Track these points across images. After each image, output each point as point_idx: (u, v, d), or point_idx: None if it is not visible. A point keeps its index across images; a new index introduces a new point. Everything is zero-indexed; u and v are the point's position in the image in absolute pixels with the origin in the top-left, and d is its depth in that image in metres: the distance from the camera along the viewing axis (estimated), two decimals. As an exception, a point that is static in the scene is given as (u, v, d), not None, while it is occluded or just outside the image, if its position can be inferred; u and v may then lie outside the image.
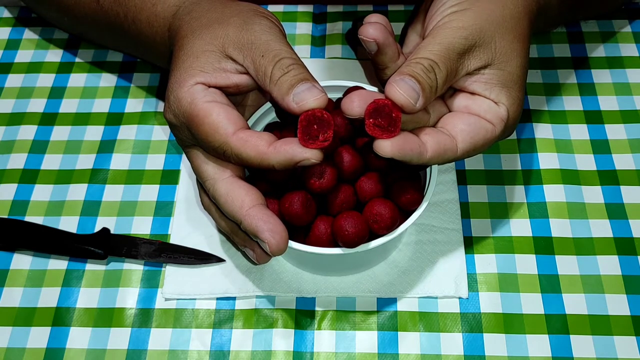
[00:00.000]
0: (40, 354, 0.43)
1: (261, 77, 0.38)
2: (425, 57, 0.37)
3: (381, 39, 0.39)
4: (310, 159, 0.36)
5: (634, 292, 0.44)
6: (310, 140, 0.35)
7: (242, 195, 0.38)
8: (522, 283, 0.45)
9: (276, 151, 0.36)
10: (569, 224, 0.47)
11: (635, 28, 0.57)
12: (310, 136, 0.35)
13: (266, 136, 0.37)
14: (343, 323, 0.44)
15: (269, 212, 0.37)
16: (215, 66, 0.39)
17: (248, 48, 0.38)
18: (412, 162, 0.36)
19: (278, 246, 0.36)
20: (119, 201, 0.50)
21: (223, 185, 0.39)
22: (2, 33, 0.60)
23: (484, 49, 0.38)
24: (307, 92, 0.36)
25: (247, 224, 0.37)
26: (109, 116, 0.54)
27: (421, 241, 0.46)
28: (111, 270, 0.46)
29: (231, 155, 0.37)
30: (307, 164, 0.36)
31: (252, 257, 0.42)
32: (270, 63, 0.37)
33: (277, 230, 0.37)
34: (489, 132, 0.39)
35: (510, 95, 0.39)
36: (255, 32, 0.39)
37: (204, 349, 0.43)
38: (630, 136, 0.51)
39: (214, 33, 0.40)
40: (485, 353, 0.42)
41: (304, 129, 0.36)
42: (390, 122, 0.35)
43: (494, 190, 0.49)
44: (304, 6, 0.60)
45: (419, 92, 0.36)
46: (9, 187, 0.51)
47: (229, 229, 0.42)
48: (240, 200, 0.38)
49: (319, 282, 0.45)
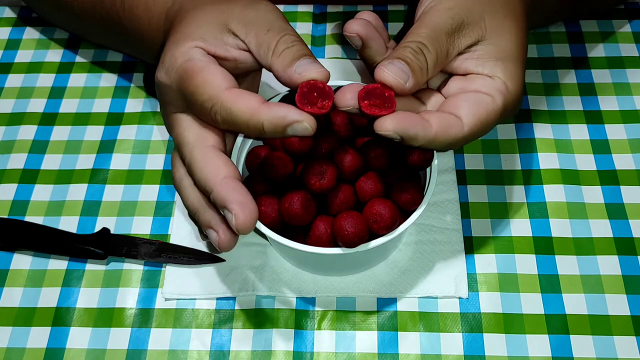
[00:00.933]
0: (40, 354, 0.43)
1: (264, 51, 0.37)
2: (413, 40, 0.37)
3: (363, 33, 0.39)
4: (303, 121, 0.34)
5: (634, 292, 0.44)
6: (308, 105, 0.35)
7: (219, 165, 0.37)
8: (522, 283, 0.45)
9: (269, 109, 0.35)
10: (569, 224, 0.47)
11: (635, 28, 0.57)
12: (308, 101, 0.35)
13: (259, 97, 0.36)
14: (343, 323, 0.44)
15: (243, 187, 0.36)
16: (217, 36, 0.38)
17: (253, 23, 0.38)
18: (418, 140, 0.35)
19: (245, 221, 0.35)
20: (119, 201, 0.50)
21: (201, 152, 0.38)
22: (2, 33, 0.60)
23: (473, 26, 0.38)
24: (310, 65, 0.36)
25: (217, 192, 0.36)
26: (109, 116, 0.54)
27: (421, 241, 0.46)
28: (111, 270, 0.46)
29: (219, 111, 0.36)
30: (300, 130, 0.34)
31: (215, 242, 0.38)
32: (275, 37, 0.37)
33: (247, 204, 0.35)
34: (490, 105, 0.37)
35: (505, 68, 0.38)
36: (260, 10, 0.39)
37: (204, 349, 0.43)
38: (630, 136, 0.51)
39: (219, 7, 0.39)
40: (485, 353, 0.42)
41: (304, 94, 0.35)
42: (385, 101, 0.35)
43: (494, 190, 0.49)
44: (304, 6, 0.60)
45: (409, 73, 0.36)
46: (9, 187, 0.51)
47: (196, 204, 0.39)
48: (216, 168, 0.37)
49: (319, 282, 0.45)
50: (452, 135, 0.36)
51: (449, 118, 0.36)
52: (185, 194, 0.40)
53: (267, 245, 0.47)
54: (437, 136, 0.35)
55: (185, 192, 0.40)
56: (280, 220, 0.40)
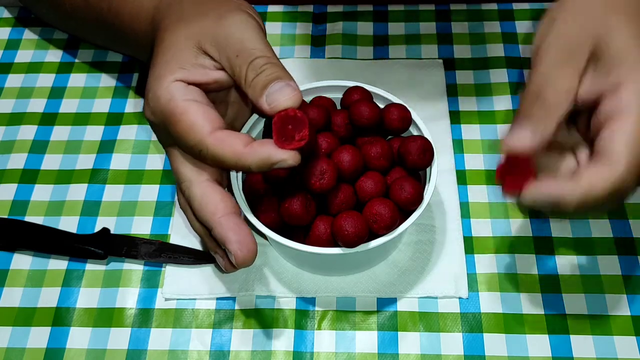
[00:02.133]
0: (40, 354, 0.43)
1: (237, 78, 0.37)
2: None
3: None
4: (287, 160, 0.35)
5: (634, 292, 0.44)
6: (287, 142, 0.35)
7: (216, 202, 0.38)
8: (522, 283, 0.45)
9: (253, 151, 0.35)
10: (569, 224, 0.47)
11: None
12: (285, 137, 0.35)
13: (243, 137, 0.36)
14: (343, 323, 0.44)
15: (241, 222, 0.37)
16: (193, 62, 0.38)
17: (223, 46, 0.38)
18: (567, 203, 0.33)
19: (244, 259, 0.36)
20: (119, 201, 0.50)
21: (198, 189, 0.38)
22: (2, 33, 0.60)
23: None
24: (279, 93, 0.35)
25: (217, 231, 0.37)
26: (109, 116, 0.54)
27: (421, 241, 0.46)
28: (111, 270, 0.46)
29: (207, 155, 0.36)
30: (285, 166, 0.35)
31: (221, 264, 0.41)
32: (245, 64, 0.37)
33: (246, 242, 0.36)
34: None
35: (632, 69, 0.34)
36: (231, 27, 0.38)
37: (204, 349, 0.43)
38: (630, 136, 0.51)
39: (191, 28, 0.39)
40: (485, 353, 0.42)
41: (279, 130, 0.35)
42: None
43: (494, 190, 0.49)
44: (304, 6, 0.60)
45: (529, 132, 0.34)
46: (9, 187, 0.51)
47: (201, 232, 0.41)
48: (214, 206, 0.37)
49: (319, 282, 0.45)
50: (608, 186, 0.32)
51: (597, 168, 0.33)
52: (190, 220, 0.41)
53: (267, 245, 0.47)
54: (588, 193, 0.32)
55: (190, 218, 0.41)
56: (280, 220, 0.40)
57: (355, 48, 0.57)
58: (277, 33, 0.58)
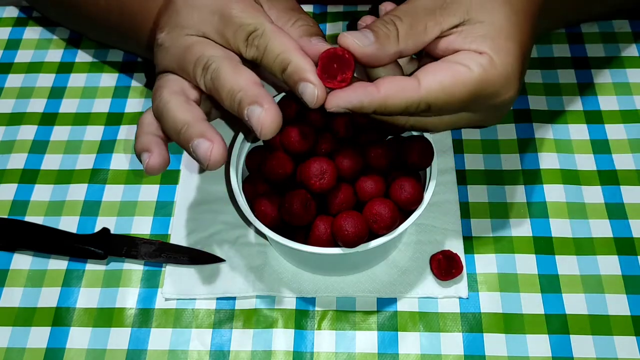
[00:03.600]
0: (40, 354, 0.43)
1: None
2: (388, 14, 0.36)
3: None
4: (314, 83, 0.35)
5: (634, 292, 0.44)
6: (328, 79, 0.35)
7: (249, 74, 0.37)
8: (522, 283, 0.45)
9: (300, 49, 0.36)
10: (569, 224, 0.47)
11: (635, 28, 0.57)
12: (328, 74, 0.35)
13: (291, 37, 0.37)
14: (343, 323, 0.44)
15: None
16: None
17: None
18: (364, 107, 0.35)
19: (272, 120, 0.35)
20: (119, 201, 0.50)
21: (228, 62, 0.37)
22: (2, 33, 0.60)
23: (456, 4, 0.36)
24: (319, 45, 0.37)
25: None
26: (109, 116, 0.54)
27: (421, 241, 0.46)
28: (111, 270, 0.46)
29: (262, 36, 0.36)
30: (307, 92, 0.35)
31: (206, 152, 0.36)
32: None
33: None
34: (462, 73, 0.35)
35: (493, 43, 0.35)
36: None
37: (204, 349, 0.43)
38: (630, 136, 0.51)
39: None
40: (485, 353, 0.42)
41: (324, 66, 0.35)
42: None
43: (494, 190, 0.49)
44: (304, 6, 0.60)
45: (372, 38, 0.35)
46: (9, 187, 0.51)
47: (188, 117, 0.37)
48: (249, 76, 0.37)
49: (319, 282, 0.45)
50: (405, 97, 0.35)
51: (403, 81, 0.35)
52: (173, 110, 0.38)
53: (267, 245, 0.47)
54: (387, 99, 0.35)
55: (173, 108, 0.38)
56: (280, 220, 0.40)
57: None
58: (277, 33, 0.58)
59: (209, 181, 0.50)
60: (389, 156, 0.41)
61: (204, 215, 0.48)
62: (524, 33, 0.37)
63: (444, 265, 0.44)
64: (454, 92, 0.35)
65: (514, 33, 0.36)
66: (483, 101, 0.36)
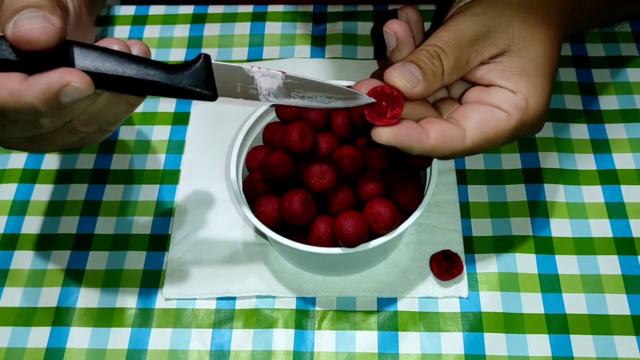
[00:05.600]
0: (40, 354, 0.43)
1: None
2: (432, 43, 0.36)
3: (401, 35, 0.38)
4: (72, 82, 0.28)
5: (634, 292, 0.44)
6: (378, 117, 0.34)
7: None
8: (523, 283, 0.45)
9: (30, 85, 0.29)
10: (569, 224, 0.47)
11: (635, 28, 0.57)
12: (378, 113, 0.35)
13: (19, 75, 0.29)
14: (343, 323, 0.44)
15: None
16: None
17: None
18: (413, 150, 0.35)
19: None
20: (119, 201, 0.50)
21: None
22: None
23: (499, 34, 0.36)
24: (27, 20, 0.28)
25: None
26: (109, 116, 0.54)
27: (421, 241, 0.46)
28: (111, 270, 0.46)
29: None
30: (78, 95, 0.29)
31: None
32: None
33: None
34: (503, 122, 0.36)
35: (529, 83, 0.36)
36: None
37: (204, 349, 0.43)
38: (631, 135, 0.51)
39: None
40: (485, 353, 0.42)
41: (372, 105, 0.35)
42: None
43: (494, 190, 0.49)
44: (304, 6, 0.60)
45: (419, 77, 0.35)
46: (9, 187, 0.51)
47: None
48: None
49: (319, 282, 0.45)
50: (451, 148, 0.35)
51: (450, 129, 0.35)
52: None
53: (267, 245, 0.47)
54: (435, 148, 0.35)
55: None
56: (280, 220, 0.40)
57: (355, 48, 0.57)
58: (277, 33, 0.58)
59: (209, 181, 0.50)
60: (389, 156, 0.41)
61: (204, 215, 0.48)
62: (556, 62, 0.38)
63: (444, 265, 0.44)
64: (495, 141, 0.36)
65: (549, 69, 0.37)
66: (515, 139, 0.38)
